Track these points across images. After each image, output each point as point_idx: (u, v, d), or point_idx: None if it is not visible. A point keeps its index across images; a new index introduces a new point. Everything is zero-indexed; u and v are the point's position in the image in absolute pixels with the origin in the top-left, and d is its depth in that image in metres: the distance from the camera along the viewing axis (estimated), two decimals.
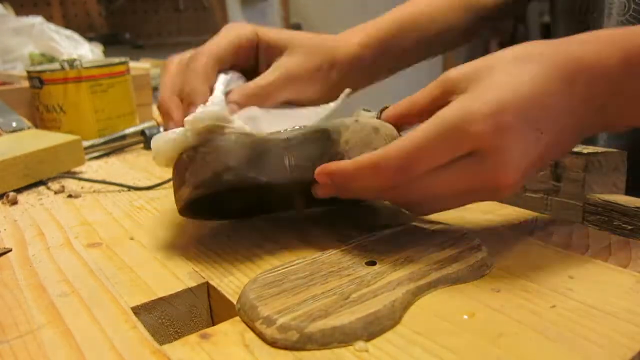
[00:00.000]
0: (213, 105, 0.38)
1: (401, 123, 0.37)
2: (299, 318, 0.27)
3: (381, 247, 0.34)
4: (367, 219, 0.41)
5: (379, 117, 0.38)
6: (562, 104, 0.32)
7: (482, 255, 0.33)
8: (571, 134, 0.33)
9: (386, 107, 0.38)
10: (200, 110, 0.36)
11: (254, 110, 0.41)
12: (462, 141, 0.30)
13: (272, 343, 0.26)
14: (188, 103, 0.40)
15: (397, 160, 0.31)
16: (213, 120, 0.35)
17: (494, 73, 0.32)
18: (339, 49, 0.48)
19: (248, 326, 0.28)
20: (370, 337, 0.26)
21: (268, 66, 0.44)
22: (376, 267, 0.32)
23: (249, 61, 0.45)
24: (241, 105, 0.40)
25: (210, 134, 0.35)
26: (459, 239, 0.35)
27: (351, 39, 0.50)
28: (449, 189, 0.32)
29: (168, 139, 0.36)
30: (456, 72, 0.33)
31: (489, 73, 0.32)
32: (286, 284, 0.30)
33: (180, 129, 0.36)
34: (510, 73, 0.31)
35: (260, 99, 0.42)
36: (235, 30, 0.44)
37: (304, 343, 0.26)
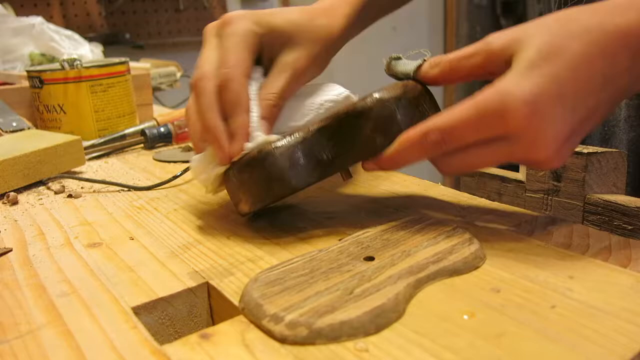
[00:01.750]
0: (256, 134, 0.39)
1: (439, 83, 0.39)
2: (307, 314, 0.27)
3: (377, 243, 0.34)
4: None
5: (416, 72, 0.39)
6: (600, 80, 0.32)
7: (475, 247, 0.34)
8: (607, 104, 0.34)
9: (424, 62, 0.39)
10: (249, 146, 0.39)
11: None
12: (499, 126, 0.32)
13: (282, 340, 0.26)
14: (236, 134, 0.40)
15: (437, 134, 0.34)
16: (260, 147, 0.38)
17: (532, 46, 0.32)
18: (332, 27, 0.47)
19: (254, 324, 0.28)
20: (377, 330, 0.27)
21: (270, 58, 0.44)
22: (375, 262, 0.32)
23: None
24: (270, 120, 0.41)
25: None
26: (450, 232, 0.35)
27: (337, 10, 0.49)
28: (484, 163, 0.35)
29: (216, 170, 0.40)
30: (498, 42, 0.34)
31: (528, 46, 0.33)
32: (288, 281, 0.30)
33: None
34: (550, 51, 0.32)
35: (280, 107, 0.42)
36: (242, 32, 0.43)
37: (313, 338, 0.26)
